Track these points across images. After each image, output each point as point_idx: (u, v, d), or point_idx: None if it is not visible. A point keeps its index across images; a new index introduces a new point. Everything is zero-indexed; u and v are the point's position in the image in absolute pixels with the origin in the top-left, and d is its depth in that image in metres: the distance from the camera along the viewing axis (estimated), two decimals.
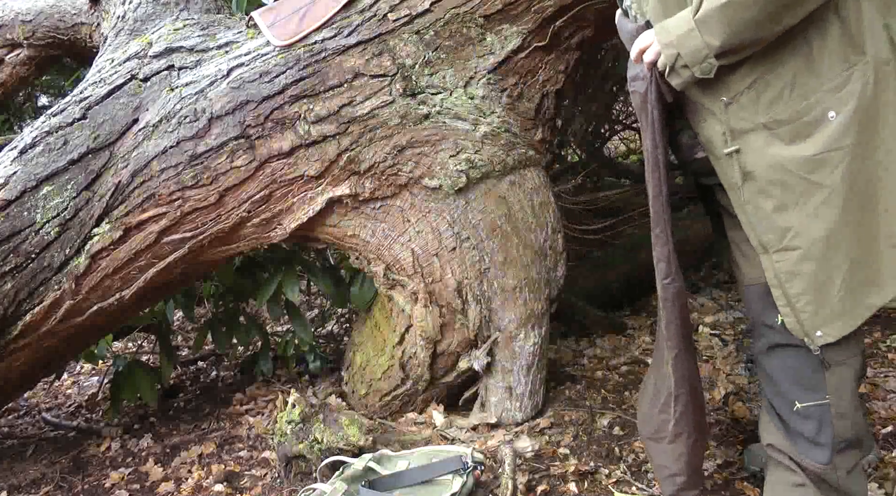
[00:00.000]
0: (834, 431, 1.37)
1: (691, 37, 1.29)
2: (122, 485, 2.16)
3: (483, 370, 2.14)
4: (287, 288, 2.60)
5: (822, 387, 1.38)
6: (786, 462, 1.42)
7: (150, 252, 2.12)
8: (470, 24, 2.04)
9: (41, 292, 2.09)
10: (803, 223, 1.32)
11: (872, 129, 1.27)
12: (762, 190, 1.35)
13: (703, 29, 1.28)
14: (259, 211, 2.11)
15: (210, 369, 3.27)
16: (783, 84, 1.30)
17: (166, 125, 2.07)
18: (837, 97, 1.26)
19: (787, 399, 1.41)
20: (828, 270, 1.32)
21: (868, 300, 1.33)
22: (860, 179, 1.29)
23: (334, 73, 2.02)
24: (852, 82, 1.25)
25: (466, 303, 2.10)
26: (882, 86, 1.25)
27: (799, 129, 1.30)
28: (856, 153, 1.27)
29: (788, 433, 1.42)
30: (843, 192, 1.28)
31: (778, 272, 1.37)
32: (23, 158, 2.11)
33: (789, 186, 1.32)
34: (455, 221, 2.07)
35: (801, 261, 1.33)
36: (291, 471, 2.00)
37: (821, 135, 1.28)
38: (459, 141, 2.05)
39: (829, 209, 1.30)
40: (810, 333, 1.36)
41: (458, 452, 1.79)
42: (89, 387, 3.33)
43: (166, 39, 2.28)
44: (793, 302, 1.36)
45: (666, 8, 1.36)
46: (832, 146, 1.27)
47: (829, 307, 1.34)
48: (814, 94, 1.28)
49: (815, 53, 1.27)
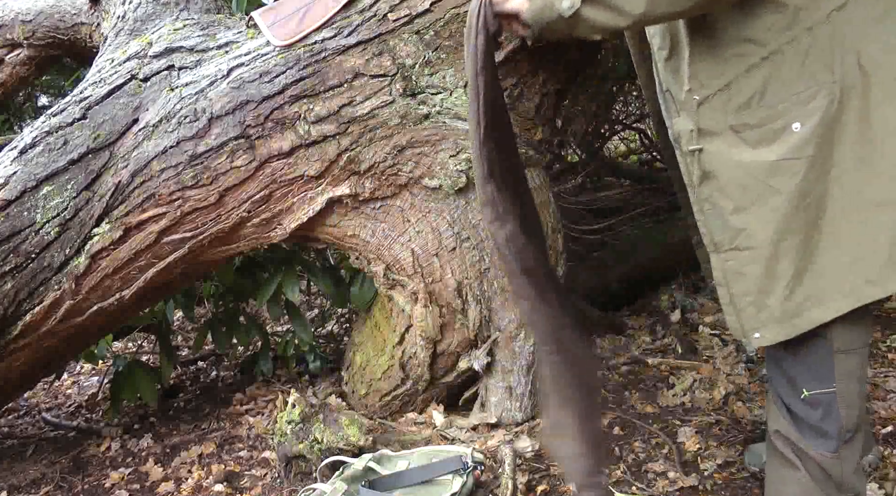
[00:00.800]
0: (841, 421, 1.38)
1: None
2: (122, 485, 2.16)
3: (483, 370, 2.15)
4: (287, 288, 2.60)
5: (830, 376, 1.38)
6: (789, 454, 1.42)
7: (150, 252, 2.12)
8: None
9: (41, 292, 2.09)
10: (756, 225, 1.35)
11: (830, 146, 1.30)
12: (722, 189, 1.39)
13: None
14: (259, 211, 2.11)
15: (210, 369, 3.28)
16: (754, 91, 1.34)
17: (166, 125, 2.07)
18: (804, 110, 1.30)
19: (795, 386, 1.41)
20: (773, 274, 1.35)
21: (810, 314, 1.35)
22: (814, 192, 1.32)
23: (334, 73, 2.02)
24: (819, 99, 1.29)
25: (466, 303, 2.10)
26: (845, 107, 1.28)
27: (764, 135, 1.34)
28: (814, 164, 1.30)
29: (794, 421, 1.42)
30: (797, 200, 1.32)
31: (726, 271, 1.40)
32: (23, 158, 2.11)
33: (749, 188, 1.35)
34: (455, 221, 2.07)
35: (749, 263, 1.37)
36: (291, 471, 2.00)
37: (784, 142, 1.32)
38: (459, 141, 2.05)
39: (780, 215, 1.33)
40: (748, 334, 1.39)
41: (458, 452, 1.79)
42: (89, 387, 3.33)
43: (166, 39, 2.28)
44: (735, 301, 1.40)
45: None
46: (793, 155, 1.31)
47: (769, 311, 1.36)
48: (782, 104, 1.32)
49: (787, 66, 1.31)
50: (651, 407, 2.22)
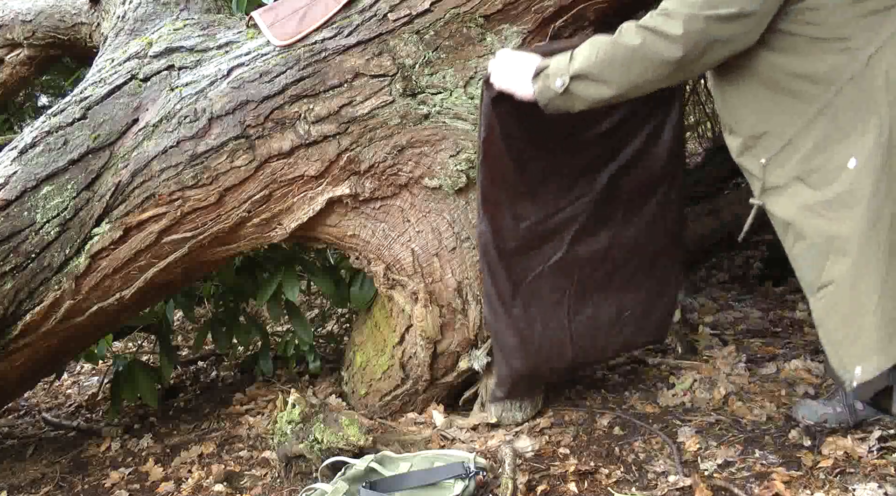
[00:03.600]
0: None
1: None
2: (122, 485, 2.16)
3: (483, 370, 2.14)
4: (287, 288, 2.60)
5: None
6: None
7: (150, 252, 2.12)
8: (470, 23, 2.04)
9: (41, 292, 2.09)
10: (833, 261, 1.41)
11: (889, 171, 1.36)
12: (799, 233, 1.47)
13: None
14: (259, 211, 2.11)
15: (210, 369, 3.27)
16: (813, 143, 1.42)
17: (166, 125, 2.07)
18: (859, 145, 1.37)
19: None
20: (857, 305, 1.38)
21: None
22: (882, 221, 1.36)
23: (334, 73, 2.02)
24: (871, 132, 1.36)
25: (466, 303, 2.09)
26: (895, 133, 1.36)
27: (824, 175, 1.41)
28: (876, 193, 1.36)
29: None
30: (865, 229, 1.36)
31: (817, 310, 1.46)
32: (23, 158, 2.11)
33: (817, 228, 1.42)
34: (455, 221, 2.07)
35: (833, 296, 1.41)
36: (291, 471, 2.00)
37: (844, 178, 1.39)
38: (459, 141, 2.05)
39: (852, 246, 1.37)
40: (850, 369, 1.42)
41: (461, 458, 1.78)
42: (89, 387, 3.33)
43: (166, 39, 2.28)
44: (831, 337, 1.43)
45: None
46: (853, 187, 1.37)
47: (863, 342, 1.38)
48: (838, 145, 1.39)
49: (840, 114, 1.38)
50: (651, 407, 2.22)
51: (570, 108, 1.62)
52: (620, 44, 1.50)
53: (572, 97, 1.58)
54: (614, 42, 1.52)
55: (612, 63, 1.51)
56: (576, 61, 1.56)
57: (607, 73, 1.51)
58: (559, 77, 1.58)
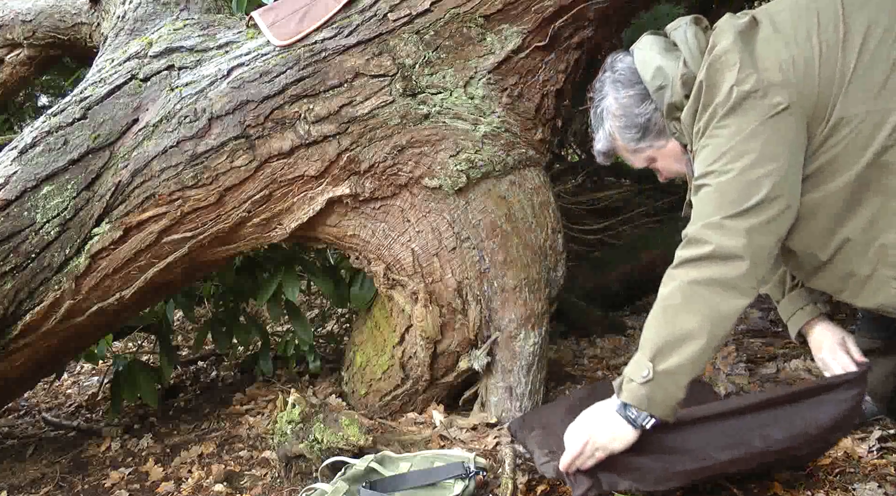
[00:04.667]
0: None
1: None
2: (122, 485, 2.16)
3: (483, 370, 2.14)
4: (287, 288, 2.60)
5: None
6: None
7: (150, 252, 2.12)
8: (470, 23, 2.04)
9: (41, 292, 2.09)
10: None
11: None
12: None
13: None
14: (259, 211, 2.11)
15: (210, 369, 3.27)
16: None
17: (166, 125, 2.07)
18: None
19: None
20: None
21: None
22: None
23: (334, 73, 2.02)
24: None
25: (466, 303, 2.09)
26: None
27: None
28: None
29: None
30: None
31: None
32: (23, 158, 2.11)
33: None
34: (455, 221, 2.07)
35: None
36: (291, 471, 2.00)
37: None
38: (459, 141, 2.05)
39: None
40: None
41: (461, 458, 1.78)
42: (89, 387, 3.33)
43: (166, 39, 2.28)
44: None
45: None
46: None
47: None
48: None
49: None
50: None
51: (674, 392, 1.40)
52: (667, 297, 1.41)
53: (666, 377, 1.38)
54: (663, 302, 1.42)
55: (677, 313, 1.38)
56: (645, 346, 1.41)
57: (682, 323, 1.38)
58: (640, 373, 1.39)
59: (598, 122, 1.64)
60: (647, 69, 1.53)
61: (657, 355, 1.38)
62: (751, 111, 1.37)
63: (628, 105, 1.56)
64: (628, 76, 1.56)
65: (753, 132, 1.36)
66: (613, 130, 1.60)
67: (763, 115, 1.36)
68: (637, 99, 1.55)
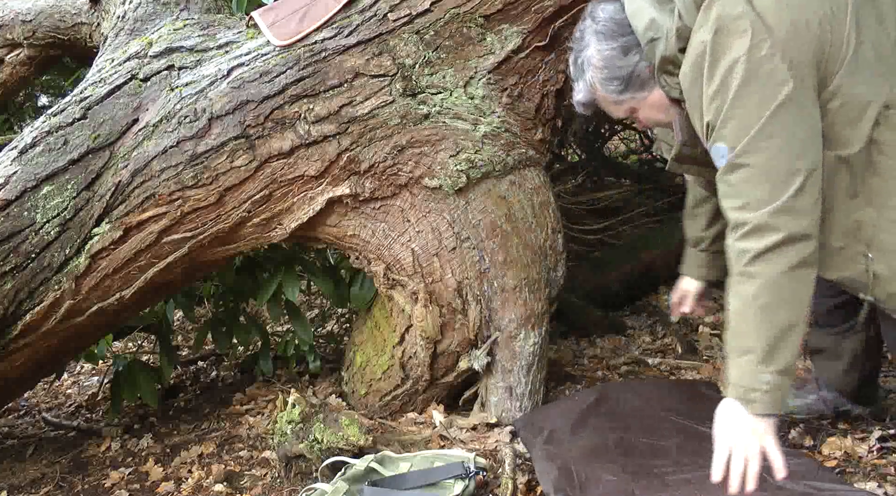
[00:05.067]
0: None
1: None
2: (122, 485, 2.16)
3: (483, 370, 2.14)
4: (287, 288, 2.60)
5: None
6: None
7: (150, 252, 2.12)
8: (470, 24, 2.04)
9: (41, 292, 2.09)
10: None
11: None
12: None
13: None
14: (259, 211, 2.11)
15: (210, 369, 3.27)
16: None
17: (166, 125, 2.07)
18: None
19: None
20: None
21: None
22: None
23: (334, 73, 2.02)
24: None
25: (466, 303, 2.09)
26: None
27: None
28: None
29: None
30: None
31: None
32: (23, 158, 2.11)
33: None
34: (455, 221, 2.07)
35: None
36: (291, 471, 2.00)
37: None
38: (459, 141, 2.05)
39: None
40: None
41: (461, 458, 1.79)
42: (89, 387, 3.33)
43: (166, 39, 2.28)
44: None
45: None
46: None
47: None
48: None
49: None
50: None
51: (790, 380, 1.41)
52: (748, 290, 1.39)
53: (784, 375, 1.38)
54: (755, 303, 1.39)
55: (775, 311, 1.37)
56: (751, 352, 1.39)
57: (781, 318, 1.37)
58: (760, 381, 1.38)
59: (579, 73, 1.58)
60: (639, 20, 1.47)
61: (769, 359, 1.37)
62: (770, 80, 1.33)
63: (611, 57, 1.51)
64: (611, 27, 1.50)
65: (780, 103, 1.33)
66: (595, 82, 1.55)
67: (783, 82, 1.33)
68: (621, 51, 1.50)
